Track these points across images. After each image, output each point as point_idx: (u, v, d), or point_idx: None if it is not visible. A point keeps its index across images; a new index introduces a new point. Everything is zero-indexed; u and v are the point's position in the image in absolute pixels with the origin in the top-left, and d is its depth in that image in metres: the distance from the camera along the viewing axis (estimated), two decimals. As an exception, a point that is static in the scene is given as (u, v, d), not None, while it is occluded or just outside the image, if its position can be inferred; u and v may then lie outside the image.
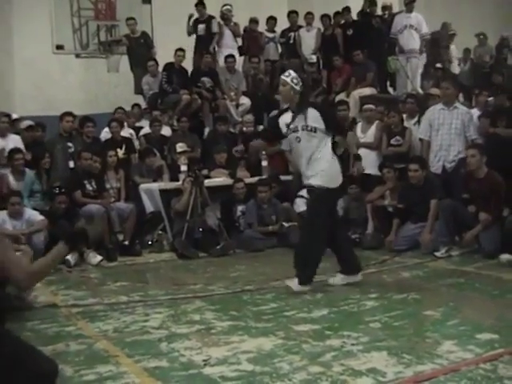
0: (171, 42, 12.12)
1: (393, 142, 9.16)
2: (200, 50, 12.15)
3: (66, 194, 8.22)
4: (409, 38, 11.82)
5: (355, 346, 4.06)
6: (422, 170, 8.08)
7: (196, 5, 12.25)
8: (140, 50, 12.28)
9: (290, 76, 5.82)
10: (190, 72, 11.89)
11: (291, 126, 5.83)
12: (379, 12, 12.65)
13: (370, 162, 9.20)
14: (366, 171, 9.16)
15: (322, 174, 5.74)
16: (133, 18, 12.37)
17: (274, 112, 9.97)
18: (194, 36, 12.39)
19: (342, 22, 12.61)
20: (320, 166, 5.75)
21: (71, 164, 9.23)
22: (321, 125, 5.75)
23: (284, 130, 5.92)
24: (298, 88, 5.78)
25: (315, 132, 5.74)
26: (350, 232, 8.70)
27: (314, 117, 5.76)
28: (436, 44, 12.95)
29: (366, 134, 9.38)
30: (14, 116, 10.01)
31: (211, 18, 12.31)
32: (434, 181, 8.21)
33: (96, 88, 13.73)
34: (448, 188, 8.09)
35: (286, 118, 5.93)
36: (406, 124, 9.39)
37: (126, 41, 12.48)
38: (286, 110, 6.04)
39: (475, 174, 7.50)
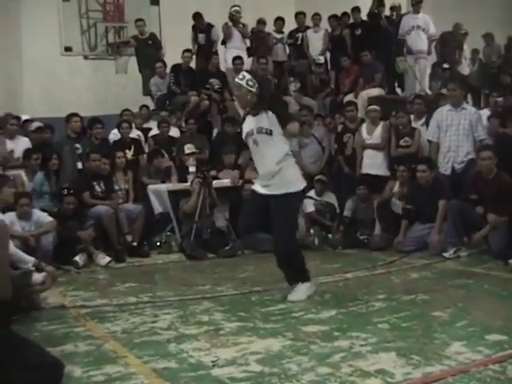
0: (179, 43, 12.15)
1: (401, 142, 9.12)
2: (202, 56, 12.15)
3: (74, 195, 8.24)
4: (416, 38, 11.78)
5: (364, 347, 4.06)
6: (430, 171, 8.08)
7: (193, 17, 12.29)
8: (148, 51, 12.29)
9: (244, 79, 5.46)
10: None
11: (248, 130, 5.56)
12: (387, 12, 12.63)
13: (377, 163, 9.19)
14: (374, 172, 9.15)
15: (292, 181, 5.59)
16: (142, 20, 12.40)
17: None
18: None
19: (351, 21, 12.58)
20: (286, 174, 5.54)
21: (79, 165, 9.26)
22: (278, 128, 5.46)
23: (244, 135, 5.63)
24: (254, 90, 5.44)
25: (271, 135, 5.46)
26: (358, 233, 8.72)
27: (271, 119, 5.46)
28: (446, 44, 12.92)
29: (372, 135, 9.33)
30: (25, 117, 10.04)
31: (210, 26, 12.34)
32: (443, 181, 8.19)
33: (104, 89, 13.75)
34: (457, 189, 8.07)
35: (247, 123, 5.63)
36: (413, 125, 9.36)
37: (134, 42, 12.51)
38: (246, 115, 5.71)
39: (485, 175, 7.49)
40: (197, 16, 12.28)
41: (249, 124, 5.60)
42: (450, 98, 8.72)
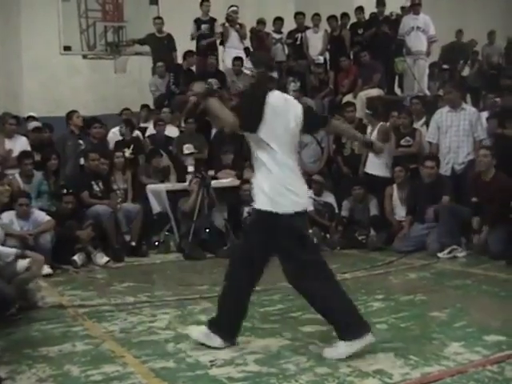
0: (178, 42, 12.12)
1: (403, 142, 9.13)
2: (204, 51, 12.12)
3: (73, 195, 8.24)
4: (416, 39, 11.79)
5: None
6: (437, 169, 8.15)
7: (202, 2, 12.25)
8: (162, 50, 12.16)
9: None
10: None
11: None
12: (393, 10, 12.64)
13: (375, 164, 9.17)
14: (373, 172, 9.13)
15: None
16: (160, 18, 12.28)
17: None
18: (196, 36, 12.37)
19: (355, 21, 12.60)
20: None
21: (81, 161, 9.25)
22: None
23: None
24: None
25: None
26: (357, 233, 8.72)
27: None
28: (453, 53, 12.94)
29: (371, 137, 9.32)
30: (30, 114, 10.10)
31: (213, 20, 12.32)
32: (444, 179, 8.20)
33: (103, 89, 13.74)
34: (458, 191, 8.07)
35: None
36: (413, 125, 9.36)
37: (134, 43, 12.49)
38: None
39: (483, 176, 7.49)
40: (205, 0, 12.26)
41: None
42: (446, 101, 8.73)
